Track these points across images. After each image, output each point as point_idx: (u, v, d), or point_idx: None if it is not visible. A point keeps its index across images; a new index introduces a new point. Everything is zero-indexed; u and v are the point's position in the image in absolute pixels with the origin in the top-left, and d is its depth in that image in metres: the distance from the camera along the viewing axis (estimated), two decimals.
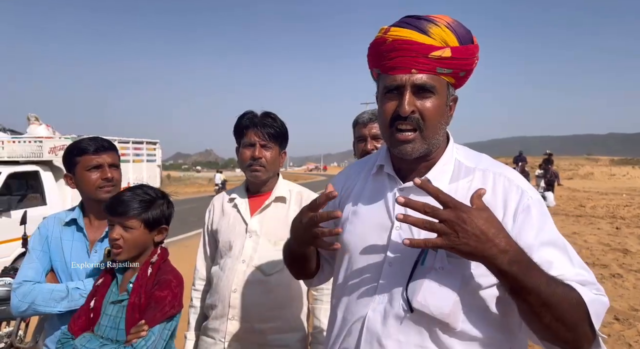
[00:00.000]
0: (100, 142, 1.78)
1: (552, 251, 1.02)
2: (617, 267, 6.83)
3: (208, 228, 1.98)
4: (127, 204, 1.51)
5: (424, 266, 1.03)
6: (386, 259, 1.10)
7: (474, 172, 1.12)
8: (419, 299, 1.01)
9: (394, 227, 1.11)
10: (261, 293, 1.77)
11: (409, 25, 1.06)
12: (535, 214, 1.05)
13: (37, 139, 7.00)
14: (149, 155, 8.96)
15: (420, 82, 1.05)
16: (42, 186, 6.63)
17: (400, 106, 1.05)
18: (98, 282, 1.56)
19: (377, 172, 1.22)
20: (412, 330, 1.04)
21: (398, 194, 1.13)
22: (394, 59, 1.06)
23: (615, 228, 10.44)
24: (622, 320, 4.67)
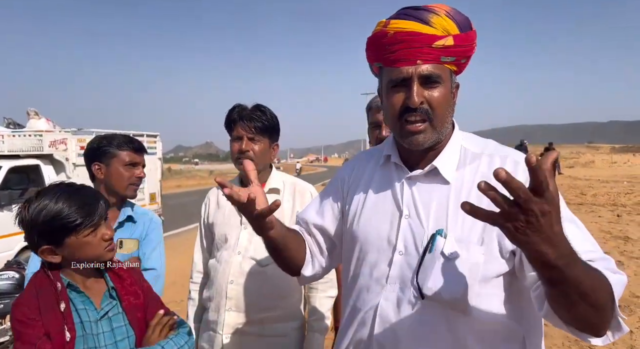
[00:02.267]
0: (140, 143, 1.89)
1: (571, 227, 0.97)
2: (618, 254, 6.85)
3: (204, 221, 2.00)
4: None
5: (432, 253, 1.04)
6: (396, 248, 1.11)
7: (481, 158, 1.12)
8: (430, 286, 1.02)
9: (403, 216, 1.12)
10: (258, 283, 1.79)
11: (410, 17, 1.05)
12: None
13: (38, 133, 7.00)
14: (149, 148, 8.93)
15: (426, 73, 1.05)
16: (43, 180, 6.64)
17: (409, 98, 1.05)
18: (61, 309, 1.26)
19: (384, 163, 1.23)
20: (424, 317, 1.05)
21: (405, 183, 1.15)
22: (397, 51, 1.05)
23: (616, 216, 10.44)
24: (623, 307, 4.69)
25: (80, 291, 1.31)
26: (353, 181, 1.30)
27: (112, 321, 1.33)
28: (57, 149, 6.83)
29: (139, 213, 1.91)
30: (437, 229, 1.06)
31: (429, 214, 1.09)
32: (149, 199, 8.70)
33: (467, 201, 0.82)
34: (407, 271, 1.08)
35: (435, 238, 1.04)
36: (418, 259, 1.06)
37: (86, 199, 1.30)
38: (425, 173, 1.13)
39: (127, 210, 1.86)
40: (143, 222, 1.88)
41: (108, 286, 1.36)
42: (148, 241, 1.85)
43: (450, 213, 1.07)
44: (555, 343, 3.95)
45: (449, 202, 1.08)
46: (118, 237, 1.80)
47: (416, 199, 1.12)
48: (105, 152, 1.82)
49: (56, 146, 6.85)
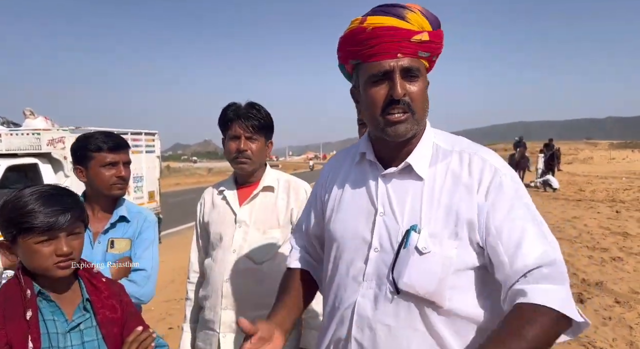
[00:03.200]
0: (117, 140, 1.81)
1: (524, 225, 1.03)
2: (617, 250, 6.86)
3: (200, 221, 1.99)
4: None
5: (407, 248, 1.06)
6: (372, 245, 1.13)
7: (452, 155, 1.14)
8: (405, 280, 1.05)
9: (378, 213, 1.14)
10: (253, 281, 1.78)
11: (387, 13, 1.08)
12: (508, 191, 1.07)
13: (35, 131, 6.96)
14: (147, 146, 8.90)
15: (407, 66, 1.07)
16: (41, 179, 6.61)
17: (394, 90, 1.07)
18: (27, 318, 1.19)
19: (359, 161, 1.24)
20: (401, 312, 1.07)
21: (380, 181, 1.17)
22: (377, 45, 1.07)
23: (615, 212, 10.46)
24: (622, 303, 4.70)
25: (51, 300, 1.24)
26: (330, 181, 1.32)
27: (84, 334, 1.26)
28: (55, 147, 6.80)
29: (133, 212, 1.88)
30: (412, 224, 1.08)
31: (403, 210, 1.11)
32: (148, 197, 8.68)
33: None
34: (383, 267, 1.10)
35: (409, 234, 1.07)
36: (393, 255, 1.09)
37: (54, 206, 1.19)
38: (399, 170, 1.15)
39: (121, 210, 1.84)
40: (137, 221, 1.86)
41: (83, 297, 1.29)
42: (141, 240, 1.83)
43: (424, 209, 1.09)
44: None
45: (423, 198, 1.10)
46: (110, 237, 1.79)
47: (391, 196, 1.14)
48: (83, 155, 1.78)
49: (54, 145, 6.81)
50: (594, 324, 4.19)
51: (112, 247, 1.78)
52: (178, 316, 4.66)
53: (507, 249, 1.02)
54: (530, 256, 0.99)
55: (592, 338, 3.89)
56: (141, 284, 1.74)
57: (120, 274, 1.73)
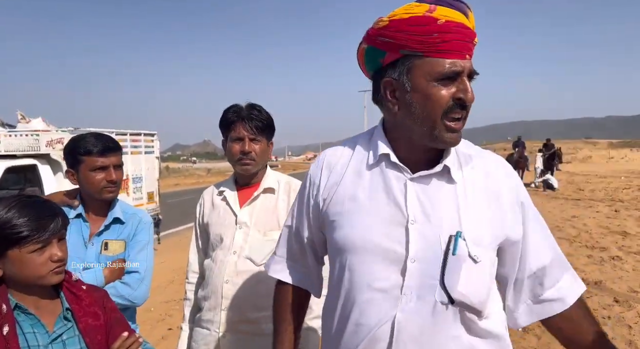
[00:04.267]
0: (106, 143, 1.77)
1: (541, 230, 1.14)
2: (617, 249, 6.86)
3: (199, 222, 1.99)
4: None
5: (456, 256, 1.00)
6: (408, 256, 1.03)
7: (472, 159, 1.13)
8: (460, 290, 1.00)
9: (409, 221, 1.04)
10: (253, 282, 1.79)
11: (454, 7, 1.00)
12: (528, 198, 1.14)
13: (34, 132, 6.95)
14: (147, 147, 8.89)
15: (472, 69, 1.03)
16: (40, 180, 6.60)
17: (466, 93, 1.01)
18: (3, 333, 1.15)
19: (376, 163, 1.12)
20: (447, 323, 1.02)
21: (409, 185, 1.07)
22: (449, 42, 0.98)
23: (614, 211, 10.46)
24: (621, 302, 4.70)
25: (30, 313, 1.21)
26: (332, 184, 1.17)
27: (66, 344, 1.23)
28: (54, 148, 6.79)
29: (128, 214, 1.87)
30: (456, 231, 1.02)
31: (440, 216, 1.04)
32: (147, 198, 8.67)
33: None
34: (427, 278, 1.02)
35: (457, 240, 1.01)
36: (439, 265, 1.01)
37: (41, 213, 1.19)
38: (434, 173, 1.07)
39: (115, 212, 1.83)
40: (132, 223, 1.85)
41: (63, 307, 1.26)
42: (135, 242, 1.82)
43: (462, 214, 1.04)
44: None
45: (459, 203, 1.05)
46: (104, 239, 1.79)
47: (423, 201, 1.05)
48: (73, 159, 1.76)
49: (53, 146, 6.80)
50: None
51: (106, 249, 1.77)
52: (178, 317, 4.66)
53: (530, 252, 1.12)
54: (547, 255, 1.13)
55: None
56: (134, 286, 1.73)
57: (113, 276, 1.72)
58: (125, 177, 7.87)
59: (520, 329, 3.93)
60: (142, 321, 4.65)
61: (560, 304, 1.12)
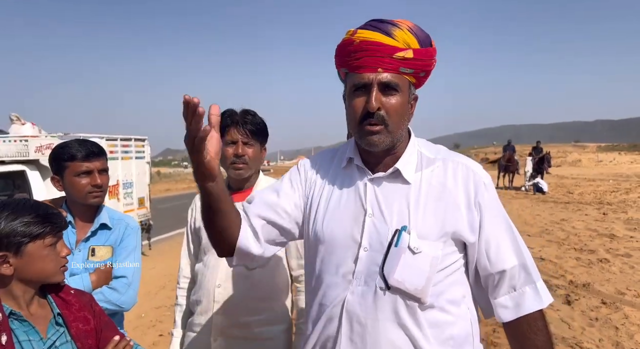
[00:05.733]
0: (89, 148, 1.78)
1: (506, 237, 1.21)
2: (604, 252, 6.95)
3: (191, 226, 2.00)
4: None
5: (398, 247, 1.14)
6: (362, 244, 1.18)
7: (435, 162, 1.24)
8: (396, 277, 1.13)
9: (367, 214, 1.19)
10: (245, 287, 1.80)
11: (375, 28, 1.15)
12: (492, 202, 1.21)
13: (23, 138, 6.90)
14: (137, 152, 8.84)
15: (385, 80, 1.14)
16: (29, 186, 6.55)
17: (368, 102, 1.14)
18: (2, 342, 1.17)
19: (346, 166, 1.29)
20: (387, 307, 1.15)
21: (368, 184, 1.22)
22: (361, 58, 1.14)
23: (602, 214, 10.59)
24: (609, 304, 4.76)
25: (24, 319, 1.22)
26: (316, 180, 1.33)
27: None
28: (43, 154, 6.73)
29: (115, 219, 1.87)
30: (402, 225, 1.16)
31: (391, 212, 1.18)
32: (138, 203, 8.62)
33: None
34: (372, 265, 1.16)
35: (400, 234, 1.14)
36: (383, 254, 1.15)
37: (49, 210, 1.26)
38: (387, 175, 1.22)
39: (102, 217, 1.83)
40: (119, 229, 1.85)
41: (54, 312, 1.28)
42: (122, 247, 1.82)
43: (412, 211, 1.17)
44: None
45: (410, 201, 1.18)
46: (91, 244, 1.79)
47: (379, 198, 1.20)
48: (58, 165, 1.77)
49: (42, 151, 6.75)
50: (581, 325, 4.25)
51: (93, 255, 1.77)
52: (169, 323, 4.64)
53: (489, 253, 1.19)
54: (508, 260, 1.19)
55: (579, 339, 3.94)
56: (122, 291, 1.73)
57: (100, 282, 1.72)
58: (116, 182, 7.83)
59: None
60: (133, 327, 4.63)
61: (509, 313, 1.20)
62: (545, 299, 1.20)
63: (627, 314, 4.46)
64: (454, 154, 1.27)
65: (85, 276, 1.70)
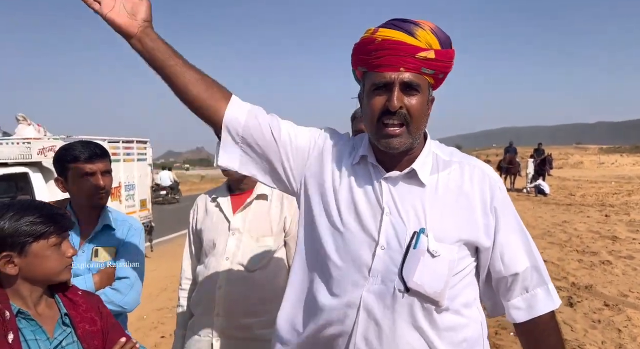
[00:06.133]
0: (93, 149, 1.78)
1: (516, 239, 1.21)
2: (607, 254, 6.93)
3: (192, 228, 2.01)
4: None
5: (416, 249, 1.12)
6: (379, 242, 1.16)
7: (451, 165, 1.23)
8: (415, 280, 1.12)
9: (384, 213, 1.17)
10: (246, 288, 1.80)
11: (397, 27, 1.13)
12: (507, 205, 1.22)
13: (26, 140, 6.92)
14: (139, 154, 8.85)
15: (407, 80, 1.12)
16: (32, 188, 6.56)
17: (390, 101, 1.12)
18: (8, 341, 1.17)
19: (358, 162, 1.26)
20: (404, 309, 1.14)
21: (383, 183, 1.20)
22: (383, 57, 1.12)
23: (604, 216, 10.57)
24: (611, 306, 4.75)
25: (32, 318, 1.22)
26: (326, 167, 1.26)
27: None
28: (46, 156, 6.75)
29: (118, 220, 1.87)
30: (420, 227, 1.14)
31: (408, 212, 1.16)
32: (140, 205, 8.62)
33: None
34: (391, 265, 1.15)
35: (419, 236, 1.13)
36: (402, 255, 1.14)
37: (54, 210, 1.26)
38: (403, 175, 1.20)
39: (106, 218, 1.83)
40: (122, 230, 1.85)
41: (61, 312, 1.29)
42: (125, 248, 1.82)
43: (428, 214, 1.16)
44: None
45: (426, 204, 1.17)
46: (94, 245, 1.79)
47: (395, 198, 1.18)
48: (62, 167, 1.78)
49: (45, 153, 6.77)
50: (584, 327, 4.24)
51: (96, 256, 1.77)
52: (171, 325, 4.63)
53: (504, 257, 1.20)
54: (521, 263, 1.20)
55: (582, 341, 3.93)
56: (125, 292, 1.74)
57: (103, 283, 1.73)
58: (118, 184, 7.84)
59: (512, 334, 3.96)
60: (135, 329, 4.63)
61: (522, 314, 1.21)
62: (557, 300, 1.22)
63: (629, 316, 4.44)
64: (468, 157, 1.27)
65: (88, 277, 1.71)
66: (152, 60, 1.18)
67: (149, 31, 1.18)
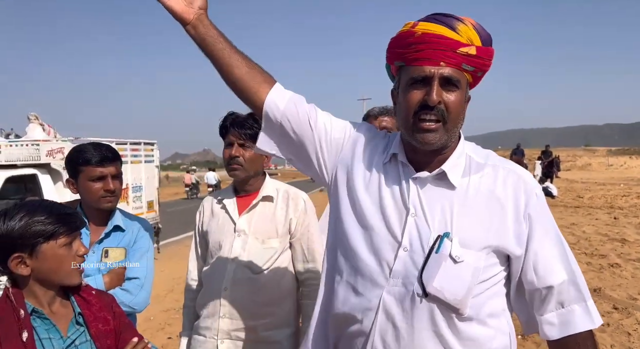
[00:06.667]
0: (104, 153, 1.79)
1: (553, 251, 1.14)
2: (616, 257, 6.87)
3: (199, 229, 2.01)
4: None
5: (439, 254, 1.08)
6: (402, 243, 1.13)
7: (484, 168, 1.17)
8: (435, 285, 1.07)
9: (410, 213, 1.14)
10: (251, 290, 1.80)
11: (439, 21, 1.10)
12: (543, 213, 1.15)
13: (35, 142, 6.99)
14: (146, 156, 8.91)
15: (447, 75, 1.09)
16: (41, 189, 6.62)
17: (429, 96, 1.09)
18: (23, 339, 1.18)
19: (389, 161, 1.23)
20: (424, 315, 1.10)
21: (411, 183, 1.17)
22: (423, 51, 1.09)
23: (613, 218, 10.48)
24: (620, 309, 4.71)
25: (46, 317, 1.24)
26: (356, 162, 1.25)
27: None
28: (54, 158, 6.81)
29: (128, 221, 1.90)
30: (444, 231, 1.10)
31: (434, 215, 1.13)
32: (147, 206, 8.68)
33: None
34: (411, 268, 1.11)
35: (442, 240, 1.09)
36: (423, 258, 1.10)
37: (64, 210, 1.27)
38: (432, 176, 1.16)
39: (116, 220, 1.85)
40: (132, 231, 1.87)
41: (75, 311, 1.30)
42: (135, 249, 1.84)
43: (455, 217, 1.11)
44: None
45: (454, 207, 1.12)
46: (105, 247, 1.81)
47: (422, 199, 1.15)
48: (73, 169, 1.80)
49: (53, 155, 6.83)
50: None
51: (106, 256, 1.79)
52: (177, 326, 4.65)
53: (537, 268, 1.12)
54: (557, 275, 1.12)
55: None
56: (134, 292, 1.76)
57: (113, 284, 1.74)
58: (125, 186, 7.89)
59: (519, 336, 3.93)
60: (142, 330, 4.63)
61: (555, 330, 1.13)
62: (597, 319, 1.13)
63: (639, 320, 4.40)
64: (504, 161, 1.21)
65: (98, 277, 1.73)
66: (203, 45, 1.22)
67: (202, 18, 1.21)
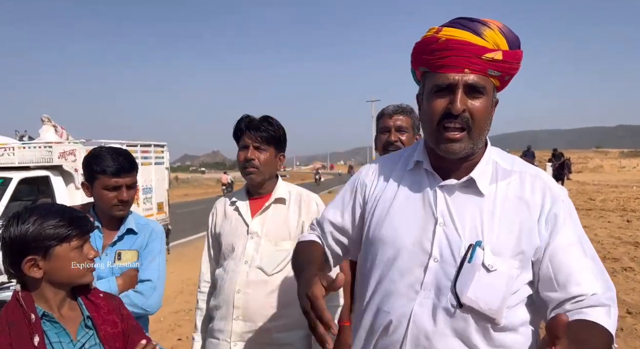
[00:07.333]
0: (122, 163, 1.81)
1: (576, 252, 1.08)
2: (629, 260, 6.78)
3: (211, 231, 2.02)
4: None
5: (472, 263, 1.06)
6: (432, 254, 1.10)
7: (511, 174, 1.15)
8: (469, 295, 1.05)
9: (438, 223, 1.12)
10: (264, 292, 1.81)
11: (463, 27, 1.08)
12: (569, 216, 1.11)
13: (47, 144, 7.07)
14: (157, 158, 8.97)
15: (472, 82, 1.07)
16: (53, 191, 6.70)
17: (453, 104, 1.07)
18: (35, 343, 1.19)
19: (413, 169, 1.22)
20: (458, 325, 1.07)
21: (439, 191, 1.15)
22: (447, 58, 1.07)
23: (626, 221, 10.35)
24: (634, 314, 4.64)
25: (56, 321, 1.25)
26: (377, 185, 1.27)
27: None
28: (66, 160, 6.89)
29: (141, 224, 1.92)
30: (476, 240, 1.08)
31: (464, 224, 1.10)
32: (157, 208, 8.74)
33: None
34: (443, 278, 1.09)
35: (475, 249, 1.06)
36: (456, 268, 1.07)
37: (75, 213, 1.29)
38: (460, 183, 1.14)
39: (129, 222, 1.88)
40: (144, 233, 1.89)
41: (83, 315, 1.31)
42: (147, 251, 1.86)
43: (486, 225, 1.09)
44: None
45: (484, 215, 1.10)
46: (117, 249, 1.83)
47: (450, 207, 1.13)
48: (89, 174, 1.82)
49: (65, 157, 6.90)
50: None
51: (119, 259, 1.81)
52: (187, 327, 4.67)
53: (560, 276, 1.06)
54: (582, 286, 1.05)
55: None
56: (147, 295, 1.77)
57: (126, 286, 1.76)
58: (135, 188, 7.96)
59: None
60: (152, 332, 4.65)
61: (566, 314, 1.04)
62: (614, 322, 1.05)
63: None
64: (530, 167, 1.19)
65: (111, 279, 1.74)
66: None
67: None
